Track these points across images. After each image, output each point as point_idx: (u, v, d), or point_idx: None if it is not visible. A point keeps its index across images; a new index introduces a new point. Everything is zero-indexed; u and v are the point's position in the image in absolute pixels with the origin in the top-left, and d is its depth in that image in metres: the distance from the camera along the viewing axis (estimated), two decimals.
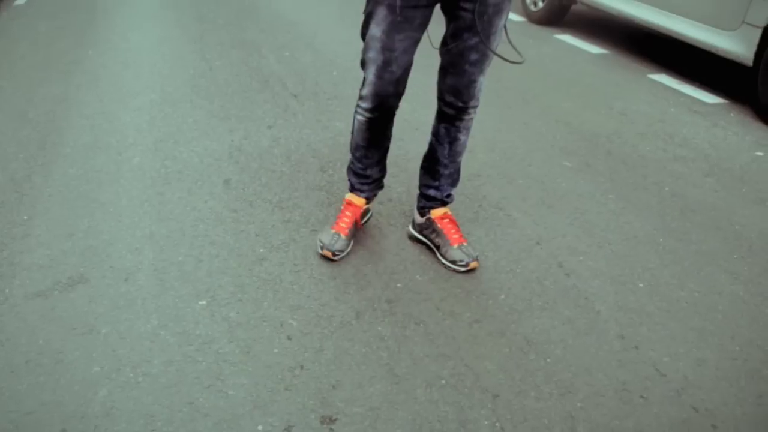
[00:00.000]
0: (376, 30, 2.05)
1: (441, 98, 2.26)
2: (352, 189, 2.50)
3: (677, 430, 1.76)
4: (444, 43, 2.15)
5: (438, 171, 2.39)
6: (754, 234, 2.67)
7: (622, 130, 3.61)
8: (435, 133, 2.36)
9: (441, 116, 2.31)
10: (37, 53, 4.96)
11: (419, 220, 2.51)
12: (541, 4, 5.76)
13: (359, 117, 2.30)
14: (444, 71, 2.20)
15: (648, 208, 2.83)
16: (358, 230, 2.55)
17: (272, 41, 5.18)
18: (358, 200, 2.48)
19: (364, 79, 2.21)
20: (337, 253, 2.39)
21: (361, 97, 2.25)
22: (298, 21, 5.84)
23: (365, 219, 2.60)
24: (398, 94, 2.20)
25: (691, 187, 3.02)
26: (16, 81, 4.32)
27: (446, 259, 2.38)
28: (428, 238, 2.48)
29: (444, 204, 2.46)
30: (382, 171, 2.49)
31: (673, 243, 2.59)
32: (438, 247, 2.43)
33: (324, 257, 2.42)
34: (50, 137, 3.44)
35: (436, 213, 2.45)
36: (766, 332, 2.14)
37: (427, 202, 2.46)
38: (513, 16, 5.88)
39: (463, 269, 2.35)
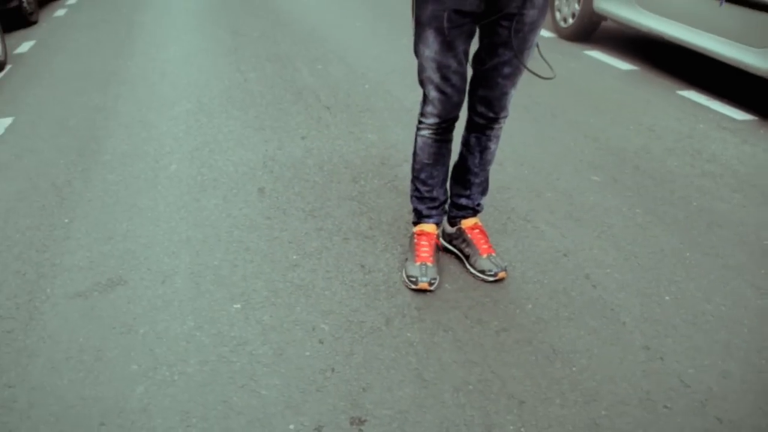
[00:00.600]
0: (428, 51, 2.08)
1: (472, 108, 2.29)
2: (419, 218, 2.47)
3: None
4: (478, 58, 2.18)
5: (469, 180, 2.43)
6: None
7: (650, 146, 3.62)
8: (465, 143, 2.39)
9: (471, 126, 2.34)
10: (77, 63, 5.11)
11: (449, 230, 2.55)
12: (571, 21, 5.78)
13: (424, 133, 2.29)
14: (476, 83, 2.23)
15: (675, 222, 2.84)
16: (441, 260, 2.50)
17: (305, 54, 5.28)
18: (429, 227, 2.46)
19: (425, 97, 2.21)
20: (432, 281, 2.33)
21: (423, 114, 2.26)
22: (331, 36, 5.93)
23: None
24: (460, 102, 2.21)
25: (719, 202, 3.03)
26: (56, 90, 4.45)
27: (475, 268, 2.42)
28: (458, 248, 2.52)
29: (475, 213, 2.50)
30: (446, 193, 2.47)
31: (700, 257, 2.60)
32: (467, 257, 2.47)
33: (420, 291, 2.34)
34: (89, 145, 3.55)
35: (466, 223, 2.48)
36: None
37: (458, 211, 2.50)
38: (543, 32, 5.91)
39: (491, 279, 2.39)
